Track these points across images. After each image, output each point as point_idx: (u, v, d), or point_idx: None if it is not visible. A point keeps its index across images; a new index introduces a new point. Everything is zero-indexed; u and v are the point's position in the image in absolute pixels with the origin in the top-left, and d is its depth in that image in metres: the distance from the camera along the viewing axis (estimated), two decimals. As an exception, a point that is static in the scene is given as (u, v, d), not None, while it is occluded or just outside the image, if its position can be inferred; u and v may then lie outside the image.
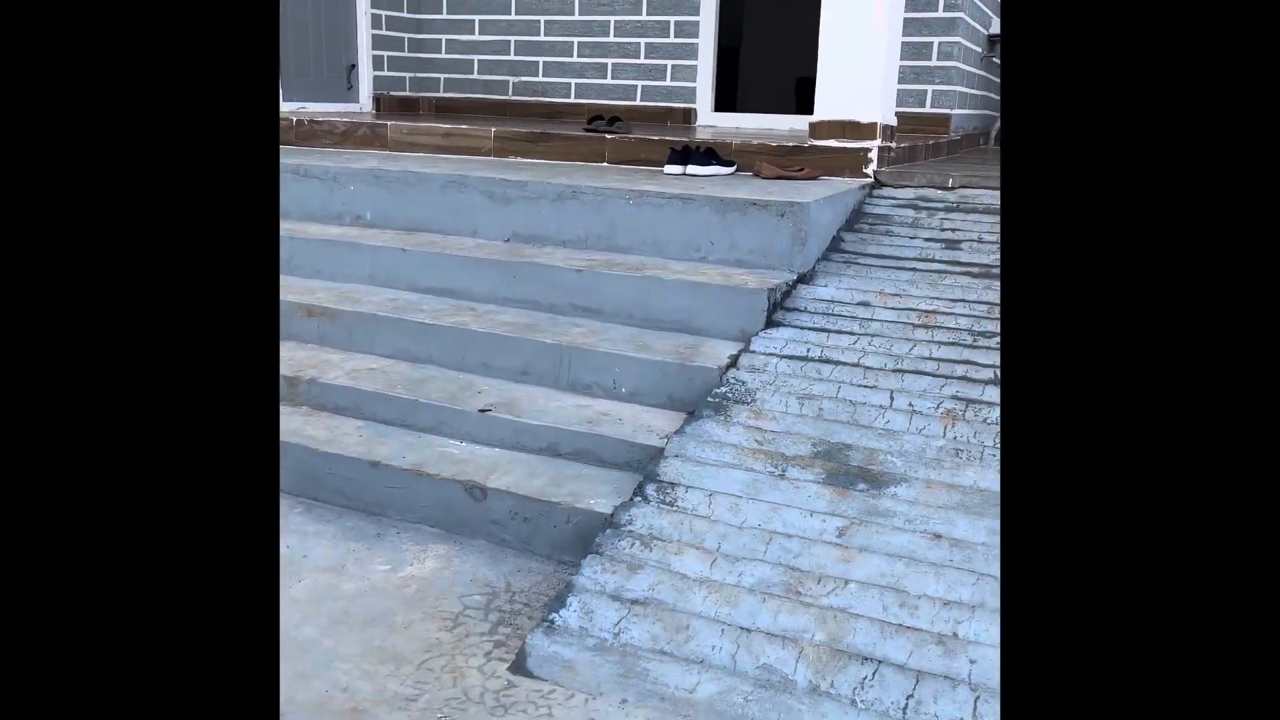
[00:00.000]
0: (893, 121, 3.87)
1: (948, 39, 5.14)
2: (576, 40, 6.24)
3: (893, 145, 3.85)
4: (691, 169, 3.69)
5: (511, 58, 6.46)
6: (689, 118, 6.04)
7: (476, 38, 6.53)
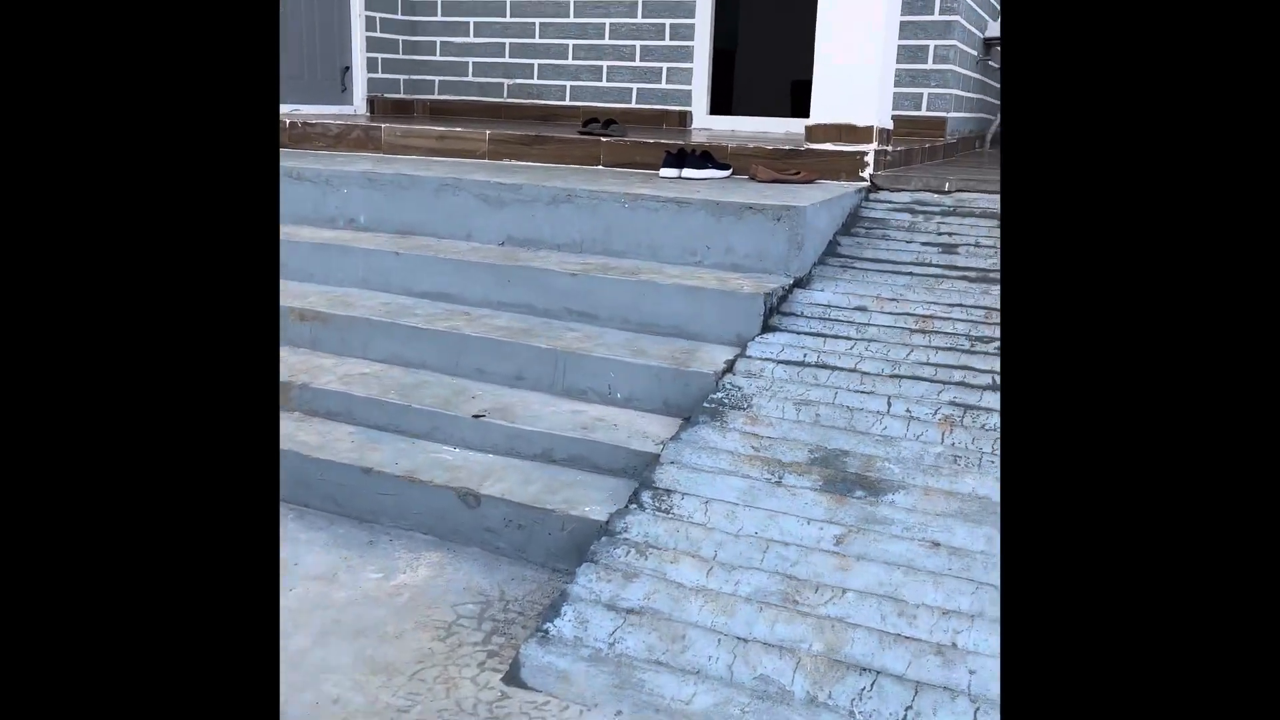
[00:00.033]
0: (889, 125, 3.86)
1: (943, 42, 5.13)
2: (571, 43, 6.23)
3: (889, 149, 3.83)
4: (687, 172, 3.67)
5: (506, 60, 6.44)
6: (684, 120, 6.02)
7: (471, 40, 6.51)
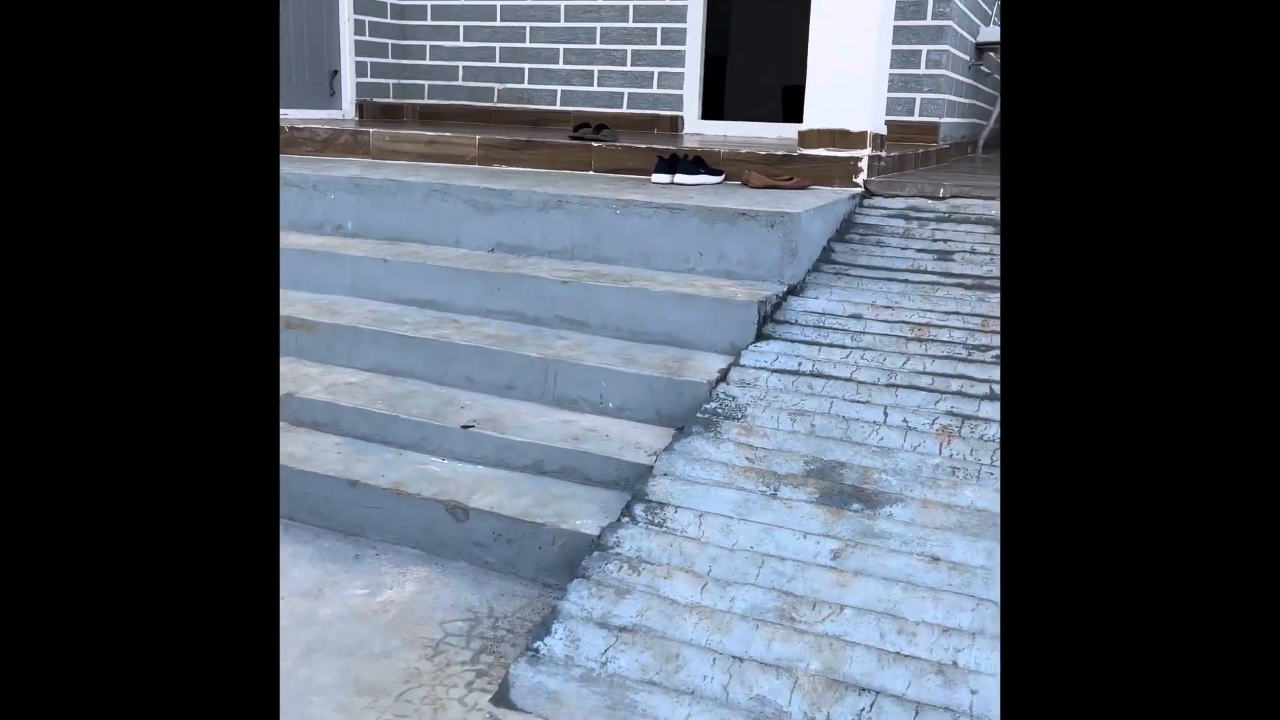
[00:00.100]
0: (883, 130, 3.82)
1: (936, 47, 5.11)
2: (562, 47, 6.18)
3: (883, 154, 3.80)
4: (679, 178, 3.63)
5: (496, 65, 6.39)
6: (676, 125, 5.98)
7: (461, 44, 6.46)
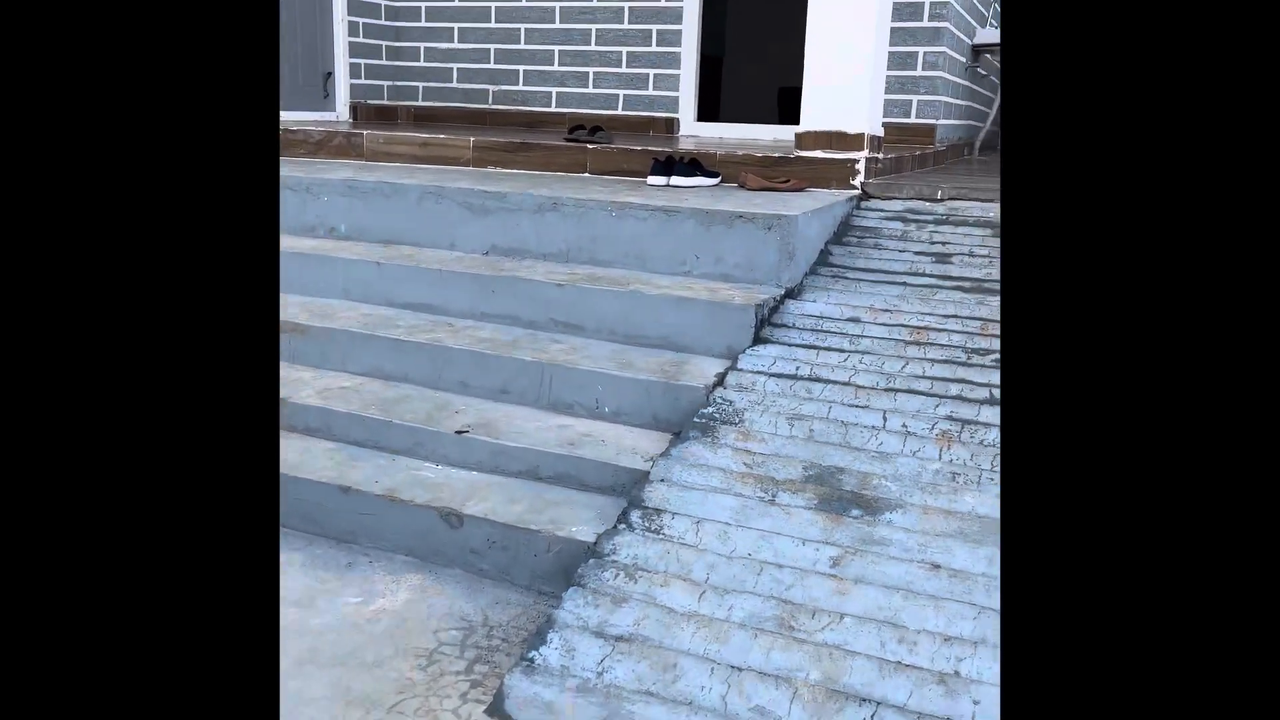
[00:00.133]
0: (880, 132, 3.80)
1: (933, 49, 5.09)
2: (557, 49, 6.16)
3: (880, 156, 3.78)
4: (675, 180, 3.61)
5: (491, 66, 6.37)
6: (671, 127, 5.96)
7: (455, 46, 6.43)
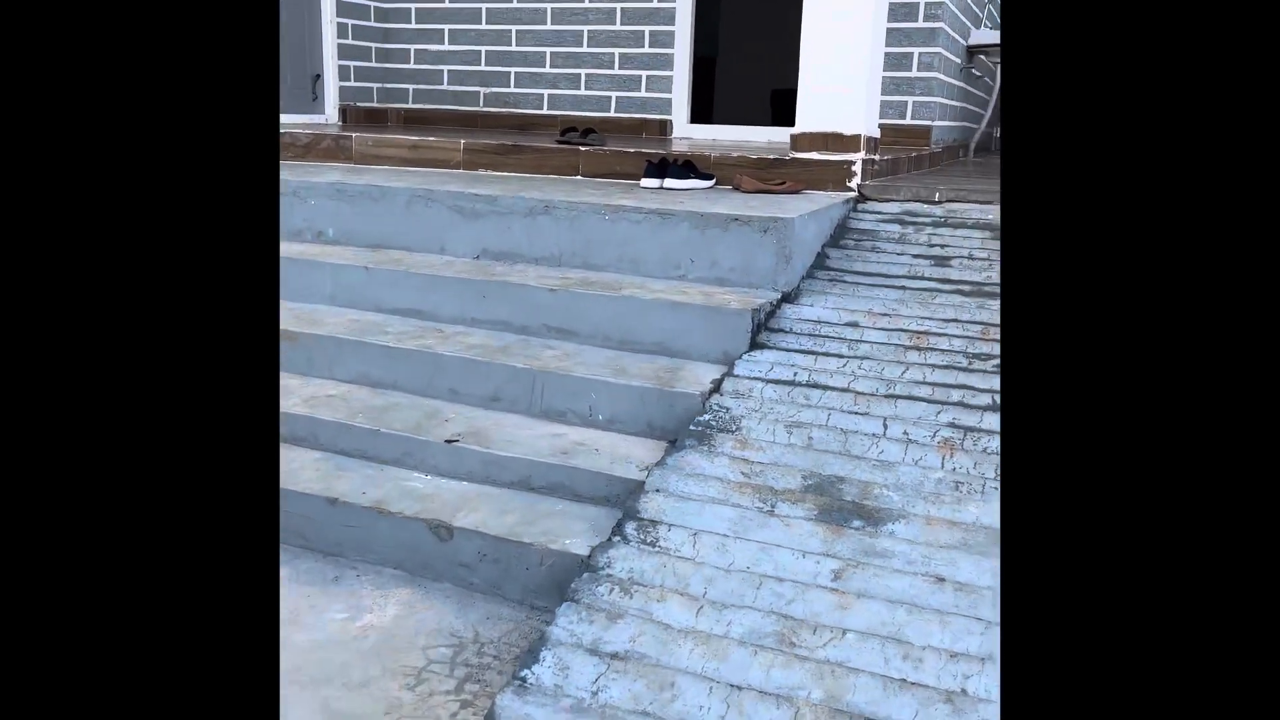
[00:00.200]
0: (876, 133, 3.75)
1: (928, 49, 5.05)
2: (549, 50, 6.10)
3: (876, 158, 3.73)
4: (669, 182, 3.55)
5: (482, 68, 6.31)
6: (665, 129, 5.91)
7: (446, 48, 6.37)
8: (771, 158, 3.68)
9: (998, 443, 2.19)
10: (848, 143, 3.55)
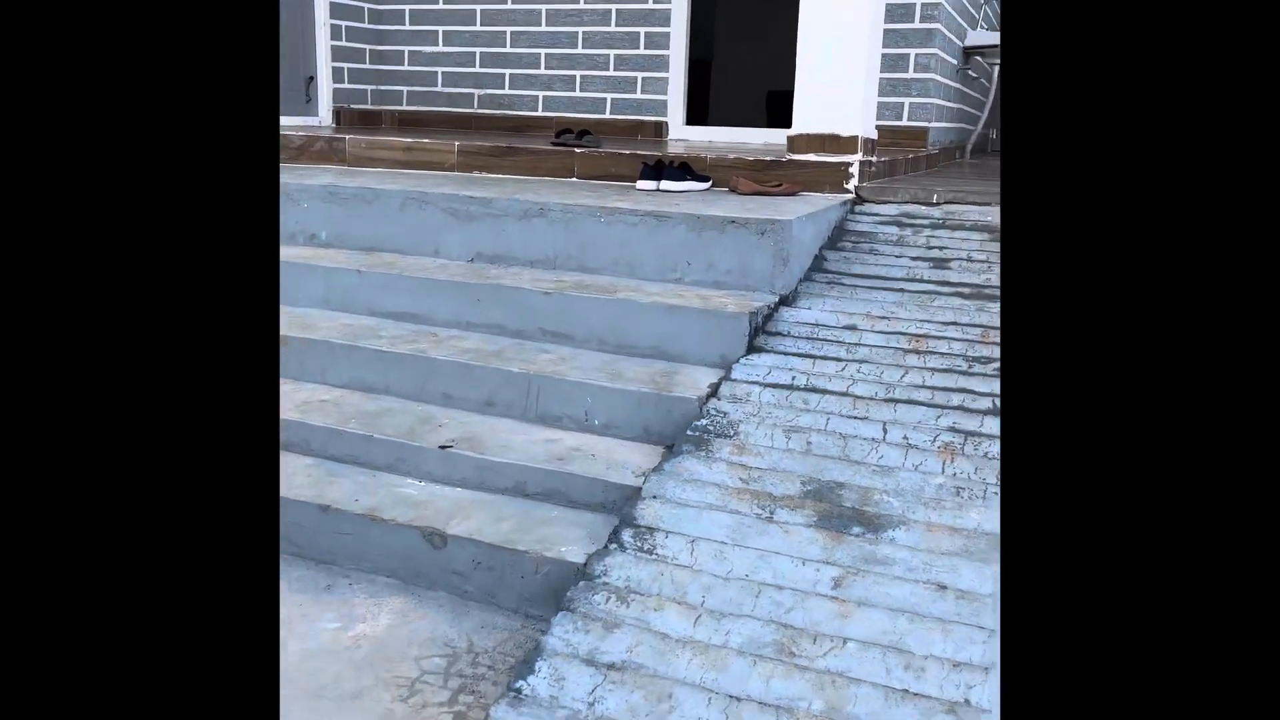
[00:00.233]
0: (873, 135, 3.73)
1: (924, 50, 5.03)
2: (544, 52, 6.07)
3: (874, 159, 3.70)
4: (665, 185, 3.52)
5: (476, 70, 6.28)
6: (660, 131, 5.88)
7: (440, 49, 6.34)
8: (768, 159, 3.65)
9: (999, 447, 2.16)
10: (845, 144, 3.52)
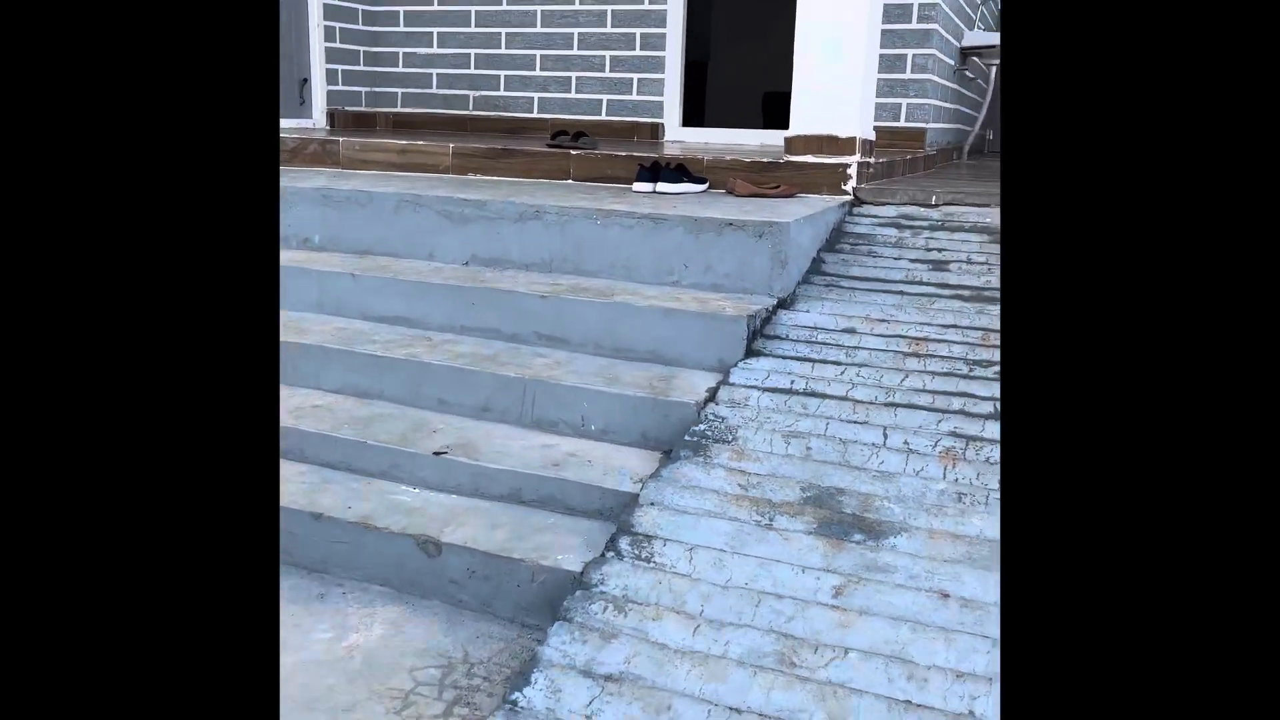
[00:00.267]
0: (871, 136, 3.70)
1: (922, 51, 5.00)
2: (539, 53, 6.04)
3: (872, 161, 3.68)
4: (662, 186, 3.49)
5: (471, 71, 6.25)
6: (656, 133, 5.85)
7: (435, 51, 6.31)
8: (765, 161, 3.63)
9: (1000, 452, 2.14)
10: (843, 145, 3.49)
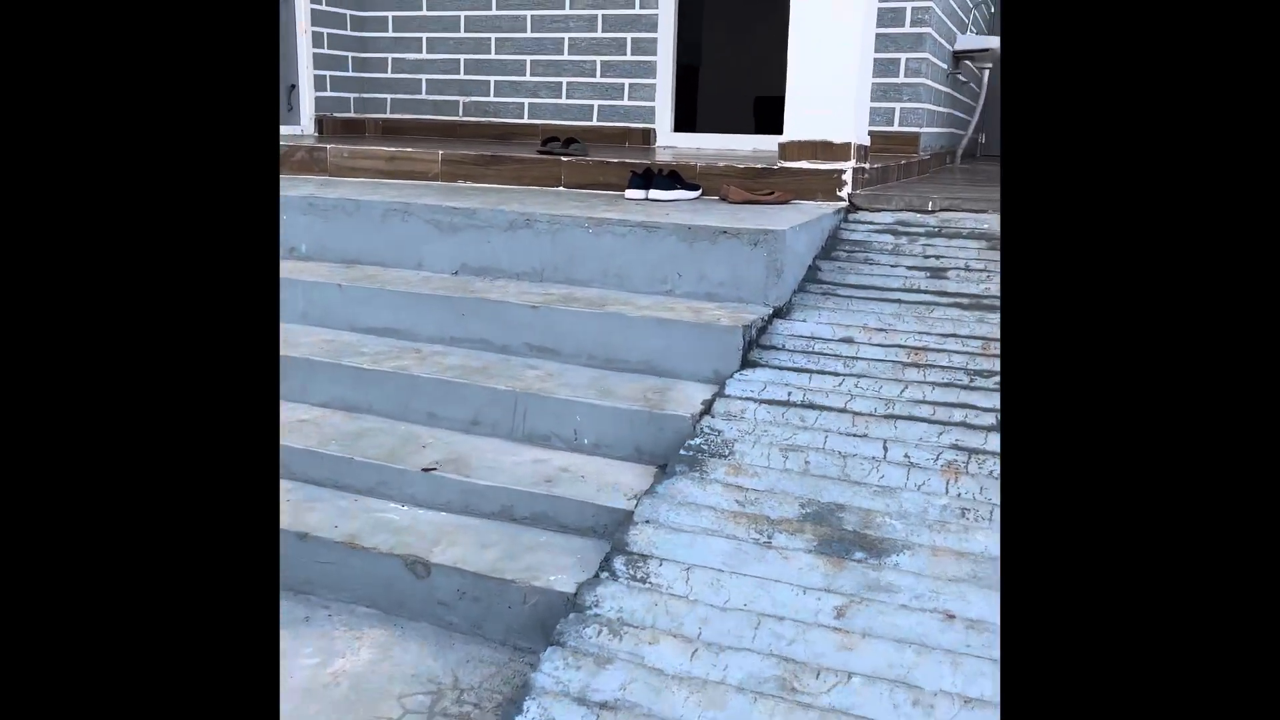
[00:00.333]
0: (866, 141, 3.65)
1: (915, 55, 4.96)
2: (529, 58, 5.99)
3: (867, 166, 3.63)
4: (654, 193, 3.44)
5: (461, 77, 6.19)
6: (648, 138, 5.80)
7: (424, 56, 6.25)
8: (759, 167, 3.58)
9: (1004, 466, 2.09)
10: (837, 151, 3.44)
